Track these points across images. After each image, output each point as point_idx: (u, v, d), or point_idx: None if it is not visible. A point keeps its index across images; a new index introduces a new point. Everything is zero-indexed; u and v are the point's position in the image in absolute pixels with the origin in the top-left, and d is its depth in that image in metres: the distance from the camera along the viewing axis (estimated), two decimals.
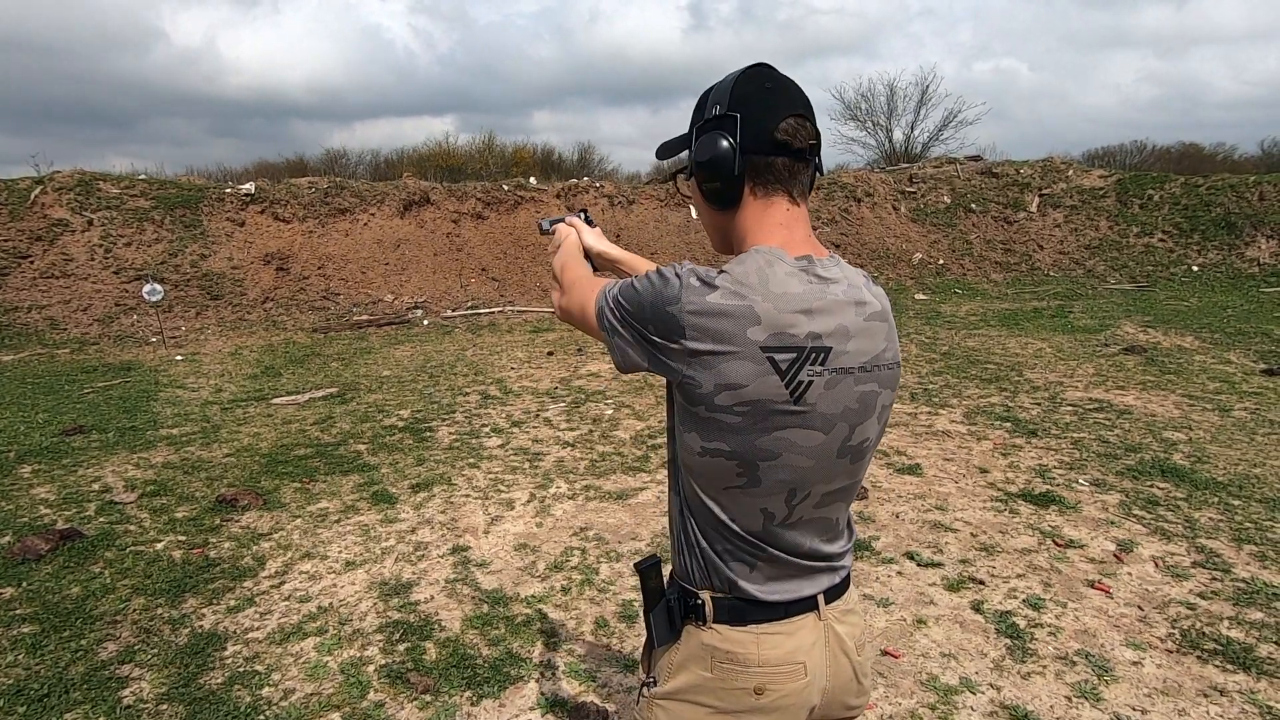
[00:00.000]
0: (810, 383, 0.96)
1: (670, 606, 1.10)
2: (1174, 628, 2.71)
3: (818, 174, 1.09)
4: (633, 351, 1.01)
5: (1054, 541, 3.43)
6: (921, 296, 12.93)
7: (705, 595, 1.07)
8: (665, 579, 1.14)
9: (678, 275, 0.97)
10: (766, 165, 1.01)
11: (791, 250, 1.01)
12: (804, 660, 1.06)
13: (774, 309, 0.94)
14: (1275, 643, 2.58)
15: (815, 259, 1.00)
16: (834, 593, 1.11)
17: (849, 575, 1.15)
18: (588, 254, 1.44)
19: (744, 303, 0.93)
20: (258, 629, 2.86)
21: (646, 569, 1.12)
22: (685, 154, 1.11)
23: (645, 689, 1.14)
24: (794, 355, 0.95)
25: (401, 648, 2.70)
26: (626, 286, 1.02)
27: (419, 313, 12.05)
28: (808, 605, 1.07)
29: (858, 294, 1.01)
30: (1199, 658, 2.52)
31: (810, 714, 1.09)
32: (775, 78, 1.03)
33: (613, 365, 1.06)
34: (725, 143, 1.01)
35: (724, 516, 1.03)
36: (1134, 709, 2.28)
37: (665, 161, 1.16)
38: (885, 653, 2.59)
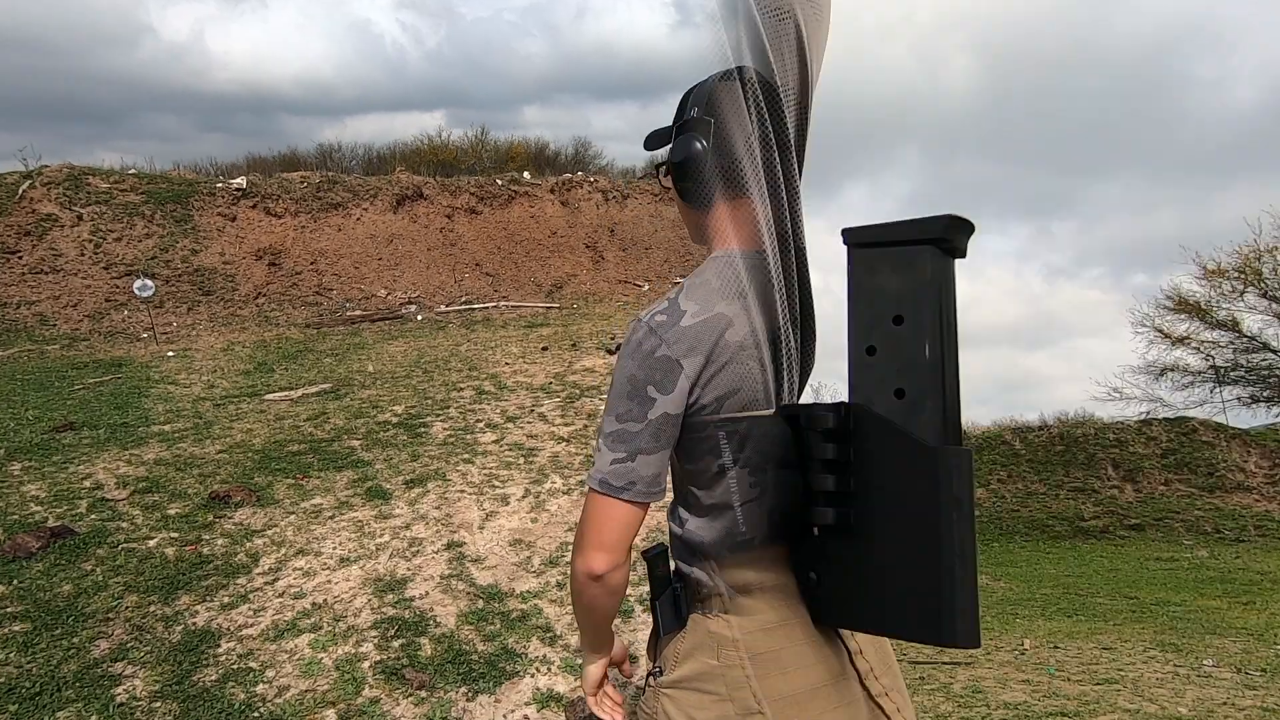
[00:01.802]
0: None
1: (677, 595, 1.11)
2: None
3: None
4: (654, 453, 0.98)
5: None
6: None
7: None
8: (672, 568, 1.14)
9: (644, 327, 0.98)
10: (736, 169, 1.01)
11: (756, 245, 1.03)
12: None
13: (741, 309, 0.98)
14: None
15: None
16: None
17: None
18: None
19: (714, 312, 0.97)
20: (251, 626, 2.84)
21: (654, 557, 1.12)
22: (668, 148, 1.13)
23: (651, 679, 1.14)
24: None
25: (396, 644, 2.69)
26: (610, 401, 1.00)
27: (413, 308, 12.02)
28: None
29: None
30: None
31: None
32: (754, 83, 1.01)
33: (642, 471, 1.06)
34: (699, 145, 1.02)
35: (741, 531, 1.04)
36: None
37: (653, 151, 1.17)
38: None
